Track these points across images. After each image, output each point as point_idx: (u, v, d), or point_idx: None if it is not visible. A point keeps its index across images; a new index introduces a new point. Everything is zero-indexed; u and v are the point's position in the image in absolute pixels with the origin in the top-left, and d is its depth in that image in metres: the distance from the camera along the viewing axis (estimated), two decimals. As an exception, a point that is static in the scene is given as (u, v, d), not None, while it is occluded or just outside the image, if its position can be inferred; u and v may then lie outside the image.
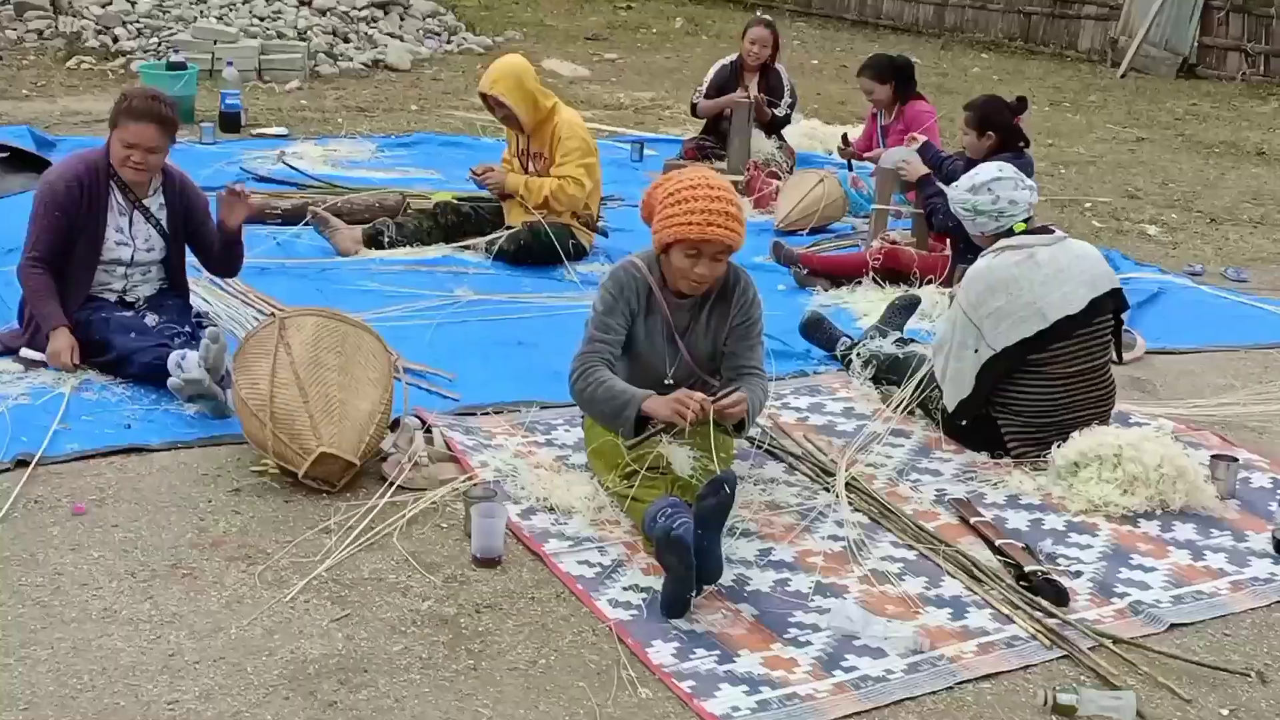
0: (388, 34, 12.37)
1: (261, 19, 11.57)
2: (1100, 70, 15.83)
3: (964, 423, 4.31)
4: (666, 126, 10.18)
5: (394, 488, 3.81)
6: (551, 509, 3.78)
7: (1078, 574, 3.62)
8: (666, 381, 3.91)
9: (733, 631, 3.25)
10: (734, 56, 8.65)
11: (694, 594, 3.32)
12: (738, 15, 18.89)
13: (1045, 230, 4.32)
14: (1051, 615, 3.38)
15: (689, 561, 3.23)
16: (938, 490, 4.09)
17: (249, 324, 4.98)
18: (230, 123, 8.52)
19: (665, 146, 8.97)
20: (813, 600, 3.42)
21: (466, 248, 6.16)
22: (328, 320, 3.98)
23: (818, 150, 9.33)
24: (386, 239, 6.09)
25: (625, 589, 3.41)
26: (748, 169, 7.79)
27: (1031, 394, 4.21)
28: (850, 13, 19.10)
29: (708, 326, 3.97)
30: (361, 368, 3.93)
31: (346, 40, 11.88)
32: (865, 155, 7.91)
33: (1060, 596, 3.45)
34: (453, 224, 6.30)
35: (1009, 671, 3.16)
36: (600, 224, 6.41)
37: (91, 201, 4.47)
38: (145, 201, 4.59)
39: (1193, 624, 3.42)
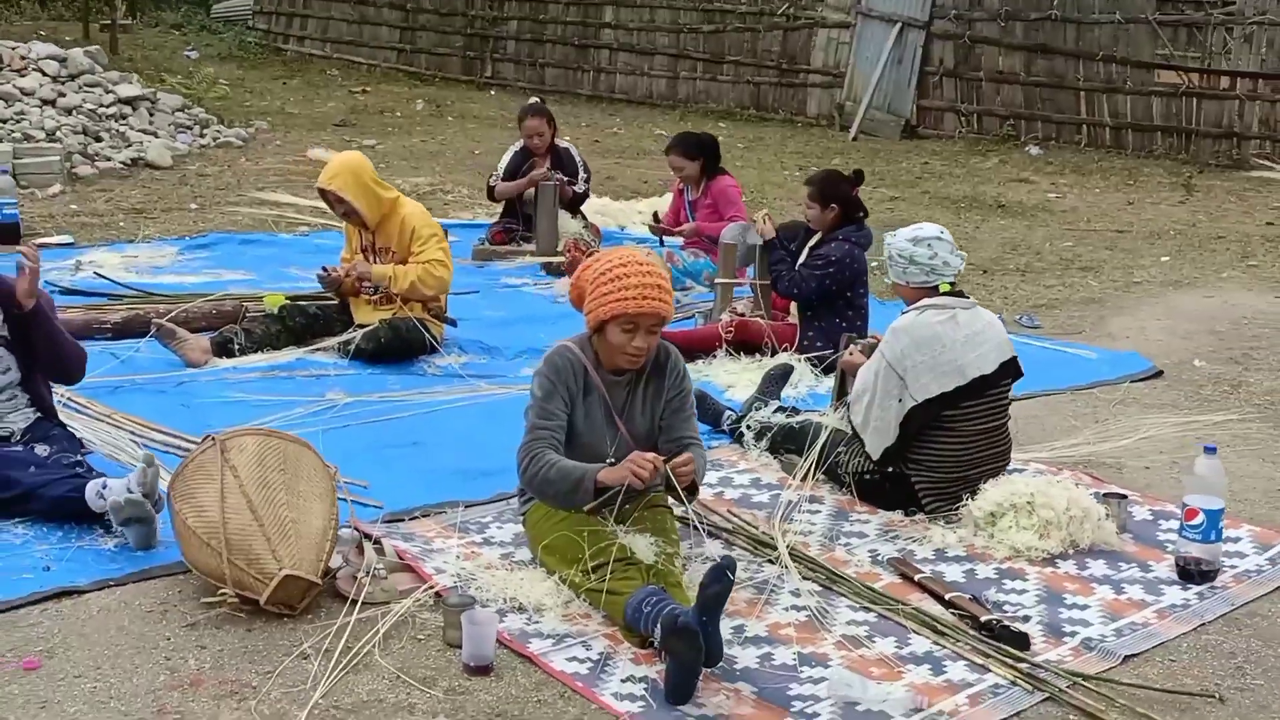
0: (140, 130, 11.96)
1: (3, 121, 11.01)
2: (831, 134, 16.73)
3: (890, 469, 4.52)
4: (456, 211, 10.21)
5: (358, 604, 3.72)
6: (521, 608, 3.76)
7: (1026, 619, 3.86)
8: (609, 461, 3.98)
9: (742, 711, 3.33)
10: (519, 144, 8.82)
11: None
12: (475, 95, 19.14)
13: (961, 295, 4.60)
14: (1020, 660, 3.59)
15: (699, 646, 3.30)
16: (870, 551, 4.28)
17: (129, 449, 4.77)
18: (9, 234, 8.07)
19: (465, 232, 8.99)
20: (802, 671, 3.53)
21: (319, 349, 6.04)
22: (267, 438, 3.88)
23: (612, 226, 9.53)
24: (236, 346, 5.93)
25: (624, 681, 3.45)
26: (568, 249, 7.92)
27: (943, 449, 4.47)
28: (585, 88, 19.54)
29: (644, 403, 4.07)
30: (306, 483, 3.84)
31: (99, 139, 11.43)
32: (675, 230, 8.17)
33: (1021, 641, 3.67)
34: (301, 326, 6.18)
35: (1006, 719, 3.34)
36: (447, 314, 6.41)
37: None
38: None
39: (1139, 654, 3.69)
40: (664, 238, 8.30)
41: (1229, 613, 3.95)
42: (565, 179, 8.50)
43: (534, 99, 9.48)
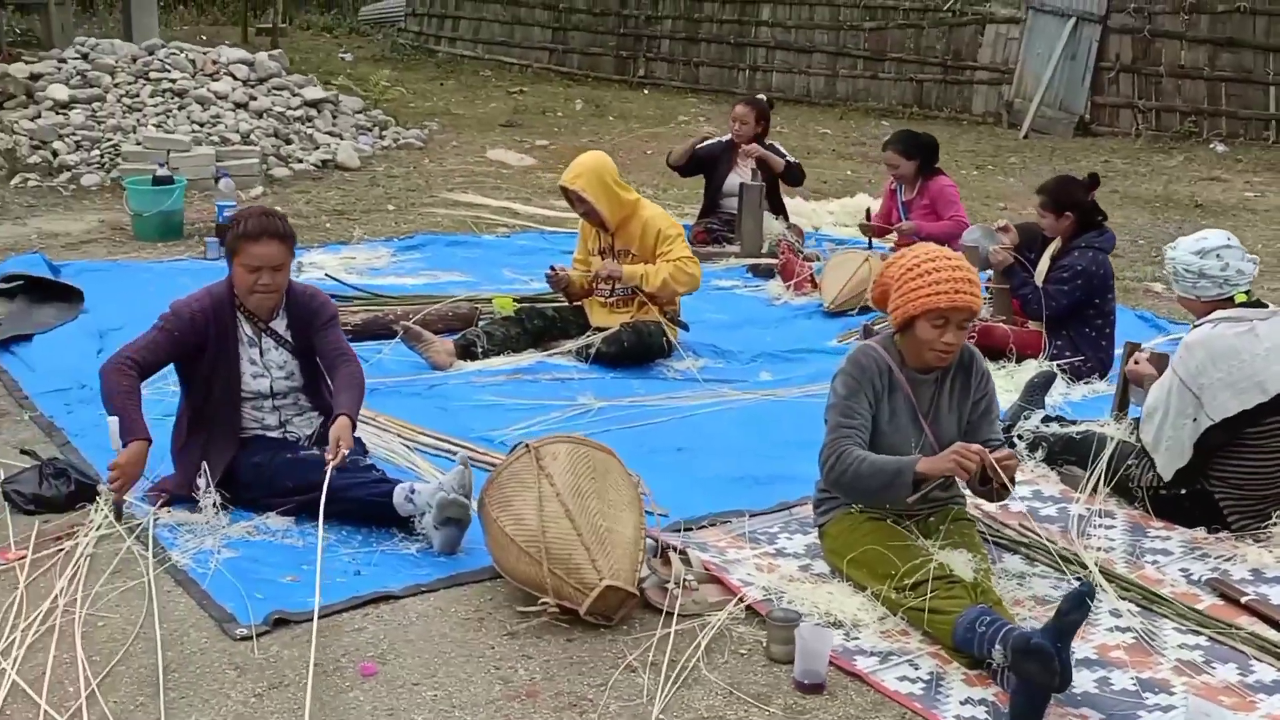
0: (326, 132, 12.12)
1: (200, 124, 11.23)
2: (1000, 132, 16.38)
3: (1183, 491, 4.34)
4: (647, 212, 10.14)
5: (674, 616, 3.66)
6: (838, 624, 3.67)
7: (1370, 645, 3.66)
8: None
9: (1096, 739, 3.20)
10: (726, 136, 8.75)
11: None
12: (630, 95, 19.13)
13: (1260, 304, 4.40)
14: (1378, 690, 3.40)
15: (1054, 670, 3.17)
16: (1181, 570, 4.11)
17: (400, 452, 4.77)
18: (229, 235, 8.19)
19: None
20: (1145, 697, 3.38)
21: (557, 352, 6.02)
22: (578, 445, 3.84)
23: (806, 228, 9.40)
24: (480, 349, 5.93)
25: (962, 703, 3.34)
26: (782, 252, 7.82)
27: (1250, 466, 4.27)
28: (740, 87, 19.40)
29: (950, 404, 3.98)
30: (615, 492, 3.80)
31: (288, 142, 11.61)
32: (888, 229, 8.04)
33: (1376, 670, 3.48)
34: (539, 328, 6.17)
35: (1381, 754, 3.17)
36: (680, 318, 6.35)
37: (221, 336, 4.27)
38: (272, 325, 4.38)
39: None
40: (873, 239, 8.16)
41: None
42: (770, 149, 8.42)
43: (760, 95, 9.38)
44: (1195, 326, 4.42)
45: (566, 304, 6.29)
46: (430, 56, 21.90)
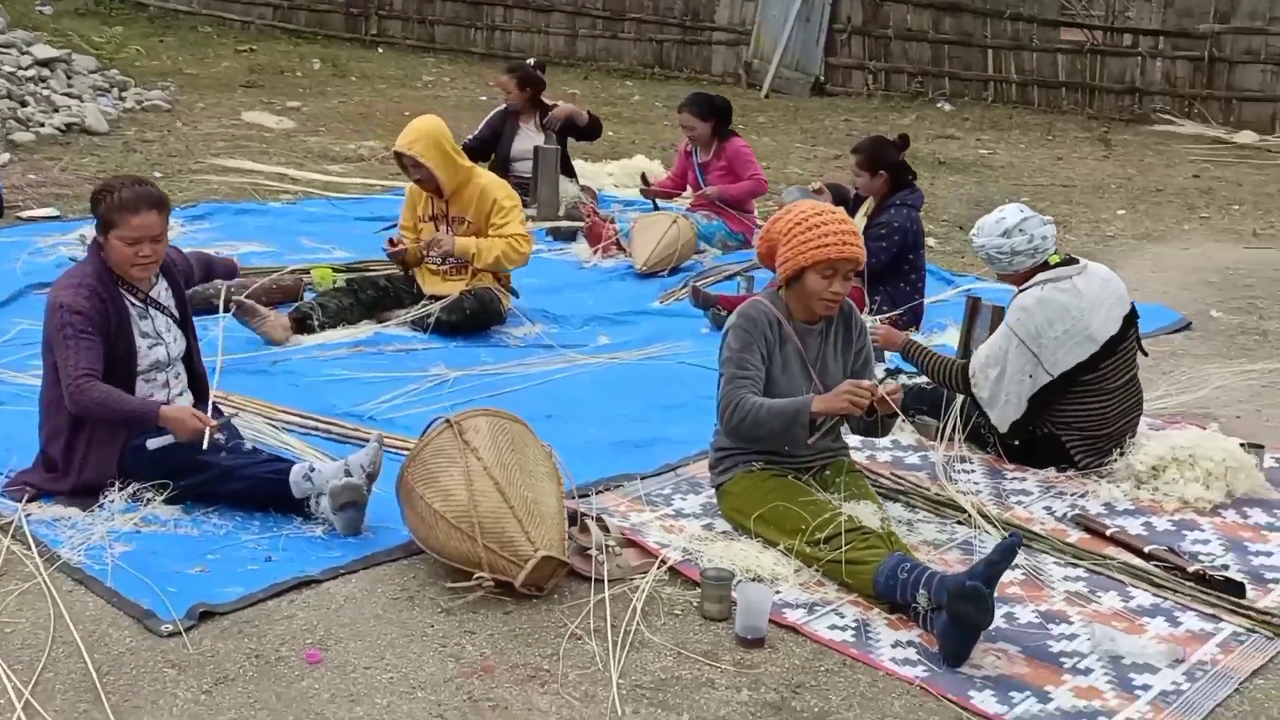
0: (63, 94, 11.42)
1: (-81, 87, 10.41)
2: (741, 92, 16.81)
3: (1017, 442, 4.66)
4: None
5: (597, 580, 3.71)
6: (759, 579, 3.80)
7: (1225, 567, 4.04)
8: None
9: (1021, 670, 3.43)
10: (503, 105, 8.76)
11: (970, 641, 3.48)
12: (368, 54, 18.71)
13: (1072, 260, 4.74)
14: (1245, 608, 3.77)
15: (988, 609, 3.38)
16: (1045, 508, 4.42)
17: (268, 432, 4.63)
18: (-10, 209, 7.67)
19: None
20: (1050, 628, 3.64)
21: (398, 321, 5.92)
22: (495, 418, 3.82)
23: (604, 190, 9.47)
24: (316, 322, 5.77)
25: (893, 646, 3.52)
26: (588, 215, 7.88)
27: (1092, 409, 4.62)
28: (478, 46, 19.27)
29: (835, 353, 4.18)
30: (534, 463, 3.81)
31: (24, 104, 10.88)
32: (671, 194, 8.21)
33: (1239, 589, 3.86)
34: (372, 299, 6.05)
35: (1263, 667, 3.50)
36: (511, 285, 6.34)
37: (116, 313, 4.06)
38: (152, 294, 4.20)
39: (1340, 596, 3.91)
40: (657, 201, 8.31)
41: (1395, 553, 4.19)
42: (574, 110, 8.47)
43: (529, 60, 9.34)
44: (1022, 290, 4.71)
45: (400, 273, 6.18)
46: (141, 11, 20.76)
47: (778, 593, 3.74)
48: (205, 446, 3.90)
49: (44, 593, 3.53)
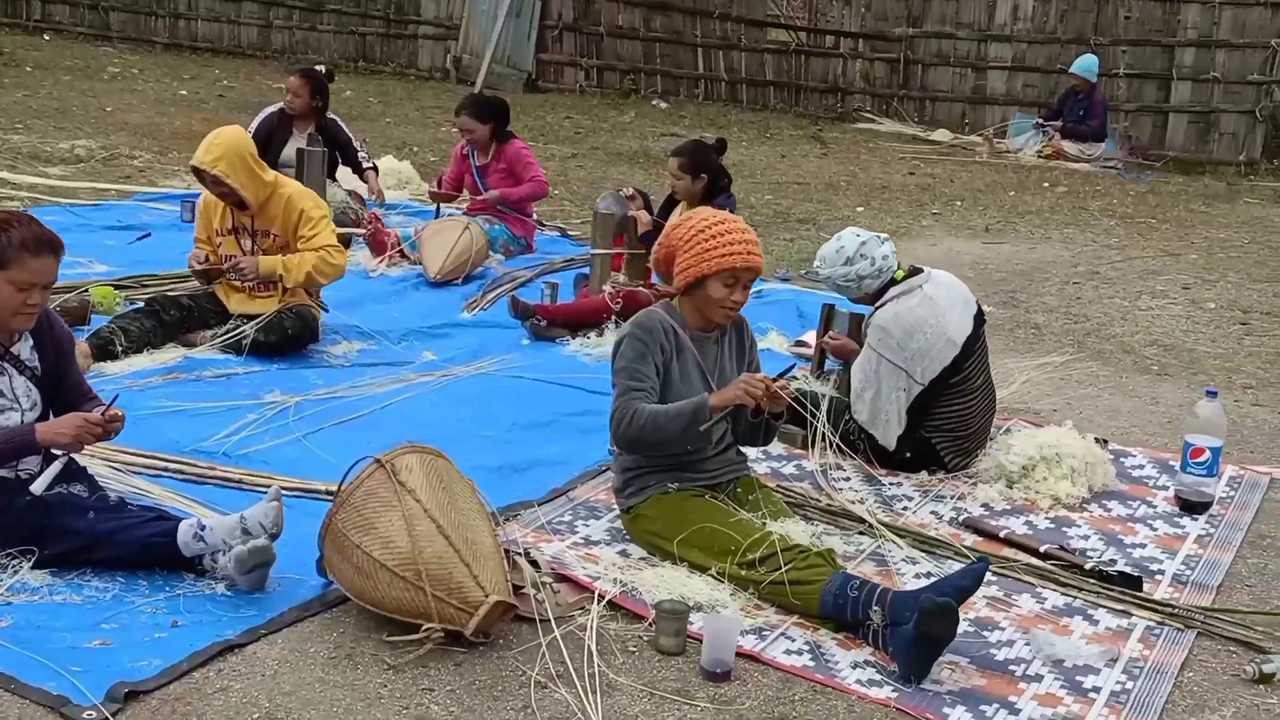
0: None
1: None
2: (451, 88, 16.56)
3: (908, 455, 4.74)
4: (165, 180, 9.35)
5: (540, 621, 3.53)
6: (699, 608, 3.69)
7: (1113, 561, 4.23)
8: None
9: (979, 683, 3.46)
10: (276, 106, 8.29)
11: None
12: (34, 42, 17.41)
13: (916, 270, 4.84)
14: (1148, 602, 3.95)
15: (955, 623, 3.40)
16: (931, 513, 4.50)
17: (102, 475, 4.17)
18: None
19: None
20: (986, 635, 3.71)
21: (218, 343, 5.47)
22: (422, 454, 3.56)
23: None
24: (120, 348, 5.26)
25: (852, 667, 3.49)
26: (369, 222, 7.53)
27: (957, 410, 4.75)
28: (160, 35, 18.23)
29: (730, 361, 4.16)
30: (463, 499, 3.57)
31: None
32: (455, 196, 7.98)
33: (1136, 583, 4.03)
34: (176, 319, 5.57)
35: (1186, 660, 3.67)
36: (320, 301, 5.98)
37: None
38: (14, 349, 3.73)
39: (1220, 584, 4.14)
40: (440, 206, 8.06)
41: (1245, 536, 4.49)
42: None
43: (319, 65, 8.83)
44: (876, 308, 4.78)
45: (202, 289, 5.71)
46: None
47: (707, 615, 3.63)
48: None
49: (-75, 685, 3.04)
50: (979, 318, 4.84)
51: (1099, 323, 7.32)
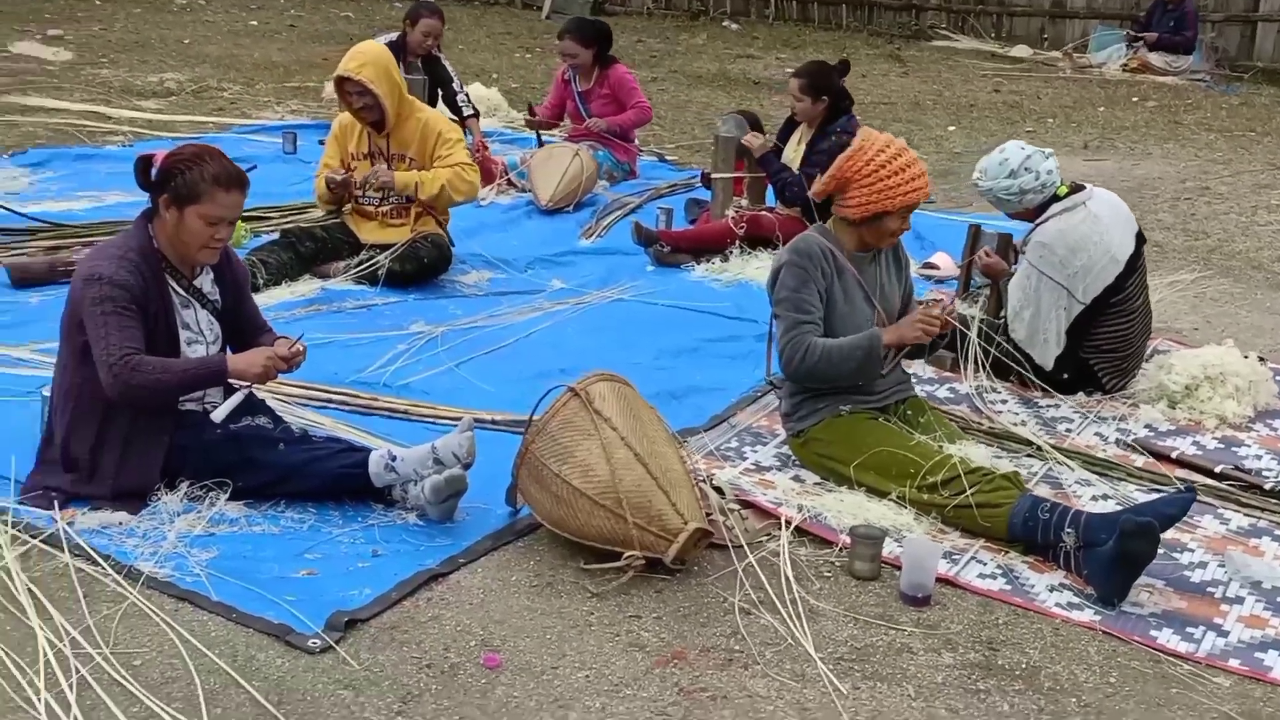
0: None
1: None
2: (519, 13, 16.44)
3: (1065, 376, 4.67)
4: (257, 111, 9.32)
5: (733, 547, 3.52)
6: (884, 532, 3.67)
7: (1289, 480, 4.17)
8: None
9: (1180, 605, 3.42)
10: (392, 36, 8.13)
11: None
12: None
13: (1079, 187, 4.74)
14: (1334, 521, 3.89)
15: (1156, 544, 3.36)
16: (1096, 434, 4.45)
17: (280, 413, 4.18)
18: None
19: (309, 132, 8.27)
20: (1175, 558, 3.66)
21: (356, 273, 5.46)
22: (614, 383, 3.54)
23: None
24: (261, 280, 5.25)
25: (1050, 590, 3.46)
26: (477, 150, 7.46)
27: (1118, 331, 4.67)
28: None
29: (889, 278, 4.13)
30: (652, 427, 3.55)
31: None
32: (554, 125, 7.87)
33: (1322, 503, 3.98)
34: (311, 251, 5.55)
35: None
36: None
37: (160, 298, 3.57)
38: (196, 283, 3.72)
39: None
40: (540, 134, 7.96)
41: None
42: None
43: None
44: (1038, 225, 4.70)
45: (332, 215, 5.67)
46: None
47: (899, 541, 3.61)
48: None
49: (146, 614, 3.07)
50: (1139, 236, 4.75)
51: (1219, 239, 7.19)
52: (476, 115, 7.83)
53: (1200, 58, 13.15)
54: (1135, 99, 11.96)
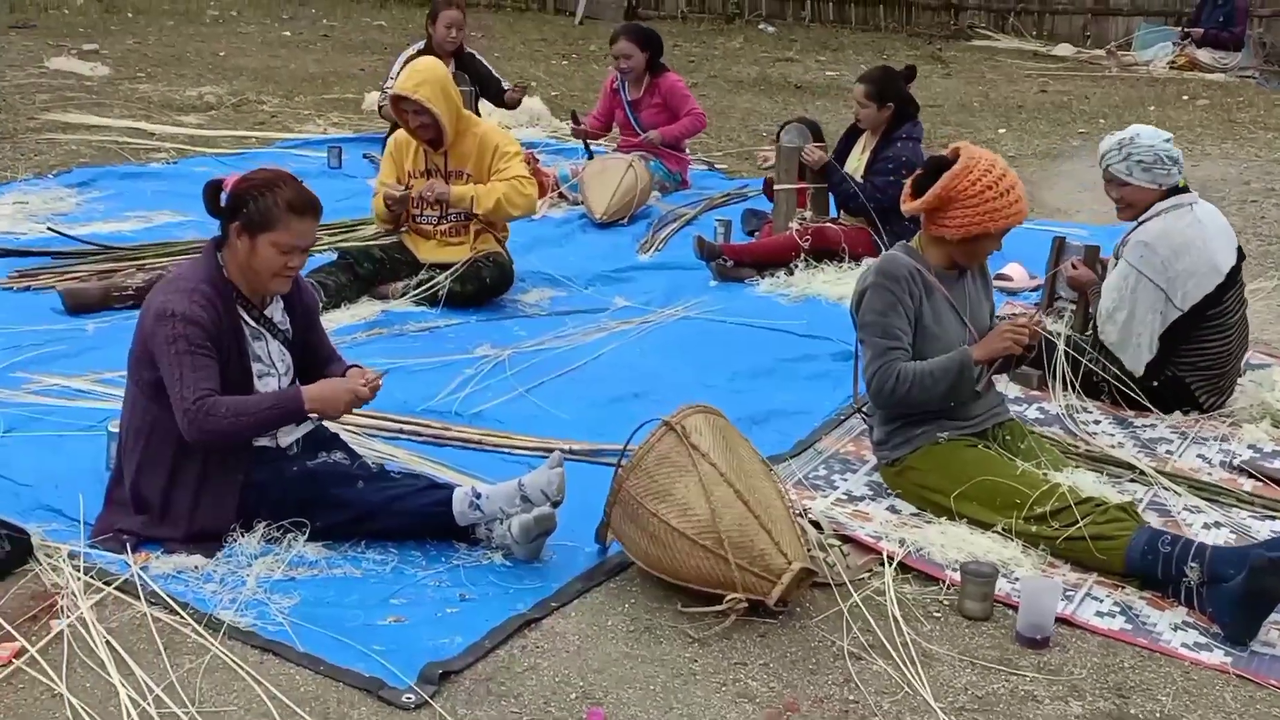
0: None
1: None
2: (551, 19, 16.31)
3: (1154, 382, 4.49)
4: (300, 126, 9.18)
5: (836, 586, 3.35)
6: (999, 570, 3.49)
7: None
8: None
9: (1313, 642, 3.25)
10: (420, 44, 8.00)
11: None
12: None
13: (1185, 189, 4.56)
14: None
15: (1286, 580, 3.18)
16: (1199, 457, 4.26)
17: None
18: None
19: (354, 146, 8.15)
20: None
21: (419, 294, 5.31)
22: (708, 415, 3.37)
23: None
24: (320, 303, 5.09)
25: (1174, 630, 3.27)
26: (528, 160, 7.29)
27: (1214, 346, 4.48)
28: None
29: (978, 294, 3.99)
30: (750, 461, 3.38)
31: None
32: (600, 135, 7.71)
33: None
34: (370, 272, 5.41)
35: None
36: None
37: (232, 331, 3.42)
38: (267, 313, 3.57)
39: None
40: (589, 144, 7.81)
41: None
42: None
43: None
44: (1140, 224, 4.52)
45: (391, 239, 5.53)
46: None
47: (1015, 580, 3.43)
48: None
49: (230, 667, 2.92)
50: (1240, 252, 4.57)
51: (1293, 243, 6.98)
52: (515, 87, 7.65)
53: (1249, 54, 12.92)
54: (1185, 97, 11.74)
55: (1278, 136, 9.99)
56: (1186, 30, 12.90)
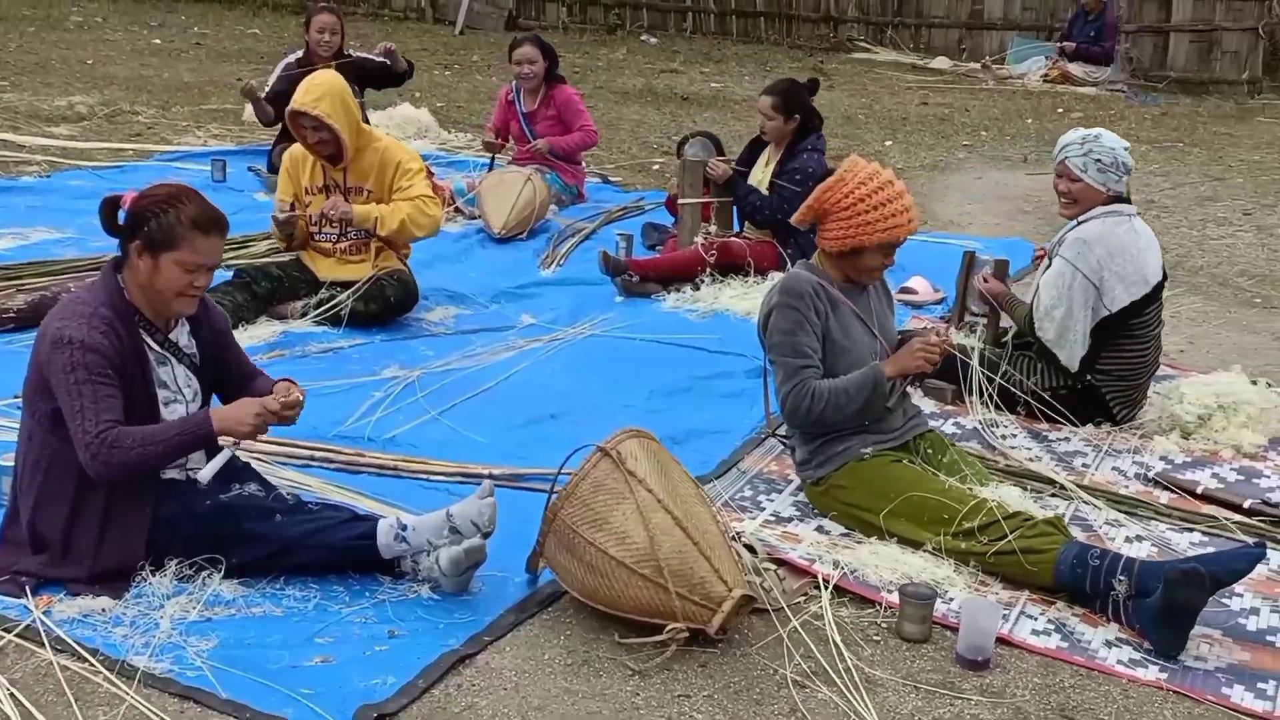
0: None
1: None
2: (431, 28, 16.10)
3: (1076, 387, 4.50)
4: (178, 137, 8.89)
5: (773, 611, 3.29)
6: (934, 587, 3.45)
7: (1319, 514, 4.04)
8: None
9: (1244, 658, 3.25)
10: (299, 52, 7.81)
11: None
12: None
13: (1127, 200, 4.60)
14: (1374, 556, 3.77)
15: (1203, 591, 3.19)
16: (1114, 469, 4.29)
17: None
18: None
19: (238, 159, 7.91)
20: (1225, 603, 3.50)
21: (319, 314, 5.14)
22: (642, 439, 3.28)
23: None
24: (221, 323, 4.89)
25: (1107, 646, 3.28)
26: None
27: (1130, 357, 4.53)
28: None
29: (882, 305, 3.99)
30: (684, 485, 3.30)
31: None
32: (503, 146, 7.60)
33: (1355, 536, 3.85)
34: (268, 291, 5.22)
35: None
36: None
37: (135, 356, 3.24)
38: (172, 336, 3.40)
39: None
40: (495, 156, 7.68)
41: None
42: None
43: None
44: (1079, 223, 4.55)
45: (286, 256, 5.35)
46: None
47: (950, 600, 3.41)
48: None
49: (146, 717, 2.75)
50: (1164, 271, 4.63)
51: (1178, 255, 7.13)
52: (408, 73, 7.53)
53: (1117, 68, 13.26)
54: (1060, 110, 11.99)
55: (1151, 149, 10.24)
56: (1061, 45, 13.18)
